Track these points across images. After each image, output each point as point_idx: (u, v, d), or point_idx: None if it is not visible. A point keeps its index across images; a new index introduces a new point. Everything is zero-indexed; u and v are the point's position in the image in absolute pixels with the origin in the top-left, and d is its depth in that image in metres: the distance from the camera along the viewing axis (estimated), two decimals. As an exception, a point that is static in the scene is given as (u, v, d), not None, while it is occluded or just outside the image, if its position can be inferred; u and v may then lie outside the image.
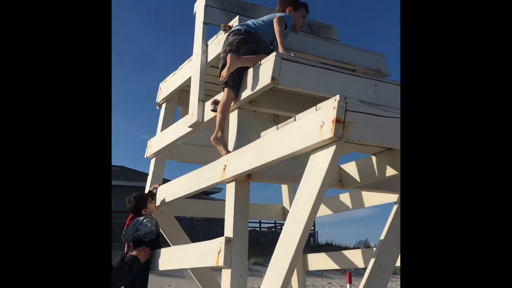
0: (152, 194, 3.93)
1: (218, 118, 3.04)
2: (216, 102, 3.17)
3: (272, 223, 25.25)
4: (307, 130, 2.33)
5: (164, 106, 4.42)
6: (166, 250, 3.62)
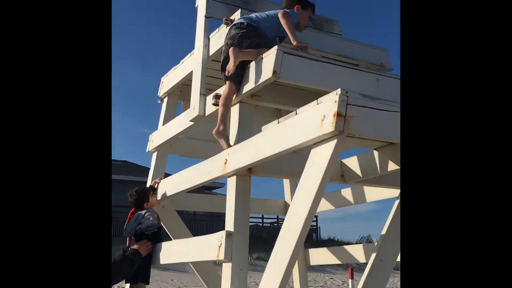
0: (153, 188, 3.94)
1: (220, 112, 3.03)
2: (217, 96, 3.16)
3: (275, 218, 25.27)
4: (308, 124, 2.32)
5: (165, 100, 4.41)
6: (167, 244, 3.63)
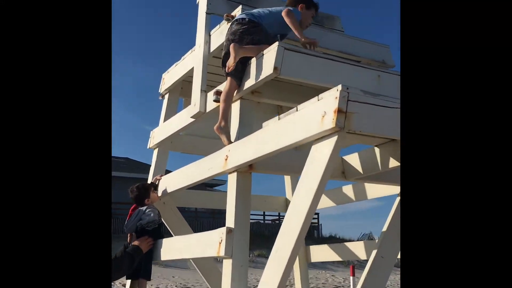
0: (154, 185, 3.94)
1: (221, 108, 3.03)
2: (218, 93, 3.15)
3: (276, 215, 25.28)
4: (308, 120, 2.31)
5: (167, 96, 4.41)
6: (168, 240, 3.63)
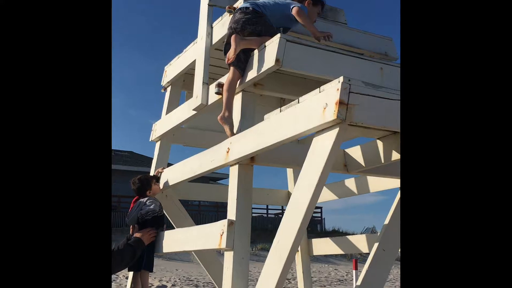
0: (156, 177, 3.94)
1: (224, 97, 3.02)
2: (220, 85, 3.14)
3: (279, 209, 25.31)
4: (310, 112, 2.30)
5: (169, 89, 4.40)
6: (170, 232, 3.63)
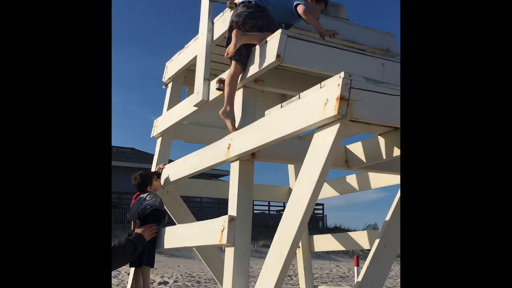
0: (158, 173, 3.94)
1: (226, 92, 3.01)
2: (221, 81, 3.14)
3: (281, 206, 25.33)
4: (311, 108, 2.30)
5: (170, 85, 4.40)
6: (171, 228, 3.63)
